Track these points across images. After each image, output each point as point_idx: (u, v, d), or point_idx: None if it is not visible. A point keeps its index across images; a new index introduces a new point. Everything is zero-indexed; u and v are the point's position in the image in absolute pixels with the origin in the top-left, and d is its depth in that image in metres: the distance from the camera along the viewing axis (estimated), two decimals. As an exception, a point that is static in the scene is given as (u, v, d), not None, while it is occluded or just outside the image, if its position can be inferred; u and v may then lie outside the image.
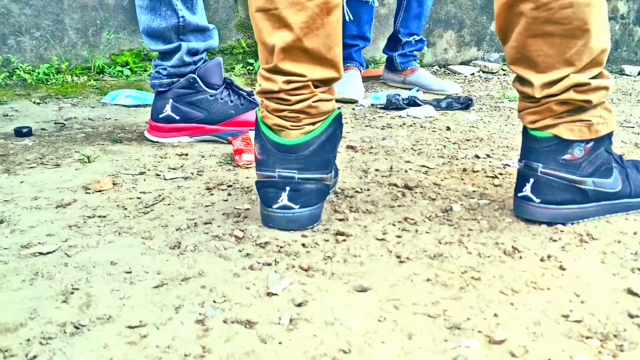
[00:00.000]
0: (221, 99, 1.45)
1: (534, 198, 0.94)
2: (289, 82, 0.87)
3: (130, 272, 0.79)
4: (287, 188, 0.90)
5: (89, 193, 1.08)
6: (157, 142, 1.45)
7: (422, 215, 1.00)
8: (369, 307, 0.72)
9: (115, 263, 0.81)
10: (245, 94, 1.50)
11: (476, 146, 1.46)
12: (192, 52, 1.40)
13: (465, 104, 1.98)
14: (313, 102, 0.88)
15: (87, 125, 1.61)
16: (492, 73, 2.88)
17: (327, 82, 0.90)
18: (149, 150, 1.37)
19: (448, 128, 1.65)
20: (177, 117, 1.44)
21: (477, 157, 1.36)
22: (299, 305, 0.72)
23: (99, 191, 1.09)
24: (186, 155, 1.34)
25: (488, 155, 1.37)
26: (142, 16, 1.39)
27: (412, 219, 0.97)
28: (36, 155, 1.31)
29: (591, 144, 0.92)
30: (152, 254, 0.85)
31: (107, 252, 0.85)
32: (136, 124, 1.65)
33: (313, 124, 0.91)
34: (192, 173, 1.21)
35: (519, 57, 0.91)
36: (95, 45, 2.23)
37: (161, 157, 1.32)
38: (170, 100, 1.43)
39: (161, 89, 1.43)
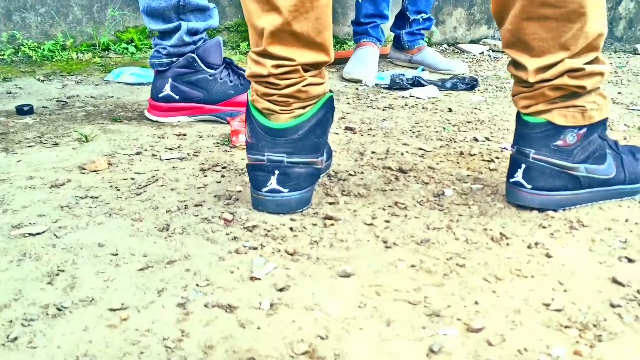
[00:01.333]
0: (220, 79, 1.45)
1: (525, 184, 0.94)
2: (278, 66, 0.86)
3: (117, 254, 0.80)
4: (276, 172, 0.90)
5: (84, 173, 1.09)
6: (157, 121, 1.45)
7: (413, 200, 0.99)
8: (351, 293, 0.73)
9: (103, 245, 0.82)
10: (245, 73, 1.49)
11: (476, 128, 1.45)
12: (192, 32, 1.40)
13: (471, 84, 1.96)
14: (302, 86, 0.88)
15: (88, 104, 1.61)
16: (502, 52, 2.84)
17: (317, 66, 0.89)
18: (148, 130, 1.38)
19: (450, 109, 1.63)
20: (177, 97, 1.44)
21: (476, 139, 1.34)
22: (281, 290, 0.73)
23: (94, 171, 1.10)
24: (184, 135, 1.34)
25: (487, 138, 1.36)
26: (141, -5, 1.38)
27: (403, 204, 0.97)
28: (35, 134, 1.32)
29: (584, 130, 0.91)
30: (140, 235, 0.85)
31: (95, 233, 0.86)
32: (137, 102, 1.65)
33: (303, 107, 0.90)
34: (188, 154, 1.21)
35: (514, 40, 0.89)
36: (100, 22, 2.22)
37: (159, 137, 1.32)
38: (170, 80, 1.43)
39: (161, 69, 1.43)
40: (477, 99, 1.80)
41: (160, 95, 1.44)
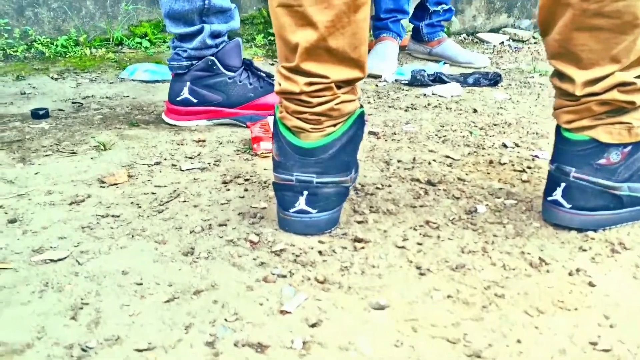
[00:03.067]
0: (240, 82, 1.41)
1: (564, 203, 0.89)
2: (310, 83, 0.82)
3: (141, 284, 0.77)
4: (305, 192, 0.87)
5: (103, 187, 1.06)
6: (175, 125, 1.42)
7: (444, 218, 0.96)
8: (386, 329, 0.69)
9: (127, 273, 0.79)
10: (265, 75, 1.45)
11: (504, 132, 1.40)
12: (214, 35, 1.35)
13: (494, 80, 1.90)
14: (335, 104, 0.84)
15: (104, 105, 1.58)
16: (523, 41, 2.77)
17: (350, 83, 0.85)
18: (166, 136, 1.34)
19: (475, 110, 1.58)
20: (195, 100, 1.40)
21: (505, 146, 1.30)
22: (313, 325, 0.70)
23: (114, 184, 1.07)
24: (203, 141, 1.31)
25: (516, 144, 1.31)
26: (162, -2, 1.34)
27: (435, 223, 0.93)
28: (52, 141, 1.29)
29: (629, 148, 0.86)
30: (164, 261, 0.82)
31: (118, 258, 0.83)
32: (154, 103, 1.62)
33: (334, 125, 0.86)
34: (208, 163, 1.18)
35: (561, 51, 0.85)
36: (113, 16, 2.18)
37: (178, 144, 1.29)
38: (188, 83, 1.39)
39: (180, 71, 1.39)
40: (501, 97, 1.75)
41: (178, 99, 1.41)
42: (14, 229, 0.90)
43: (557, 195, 0.90)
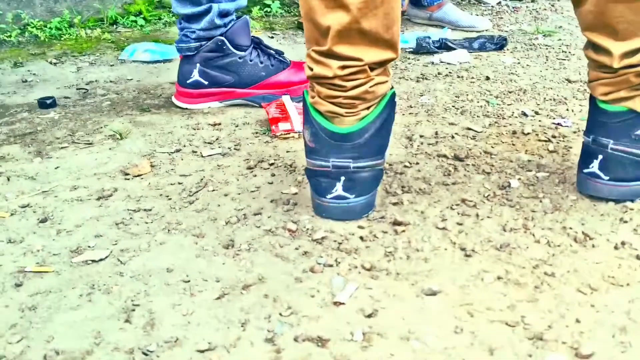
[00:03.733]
0: (250, 61, 1.37)
1: (602, 175, 0.89)
2: (344, 67, 0.80)
3: (189, 281, 0.76)
4: (342, 178, 0.85)
5: (128, 179, 1.04)
6: (187, 108, 1.39)
7: (479, 195, 0.95)
8: (442, 316, 0.69)
9: (172, 270, 0.78)
10: (275, 53, 1.41)
11: (521, 100, 1.39)
12: (223, 14, 1.32)
13: (500, 44, 1.88)
14: (370, 87, 0.82)
15: (110, 90, 1.54)
16: (520, 0, 2.73)
17: (383, 64, 0.83)
18: (180, 120, 1.32)
19: (487, 78, 1.56)
20: (206, 82, 1.37)
21: (525, 114, 1.29)
22: (369, 316, 0.69)
23: (138, 175, 1.05)
24: (219, 124, 1.28)
25: (536, 112, 1.30)
26: (164, -23, 1.29)
27: (471, 201, 0.93)
28: (65, 132, 1.26)
29: (667, 117, 0.86)
30: (206, 255, 0.81)
31: (160, 255, 0.81)
32: (160, 85, 1.58)
33: (368, 108, 0.85)
34: (229, 148, 1.16)
35: (596, 23, 0.83)
36: (106, -6, 2.12)
37: (194, 129, 1.26)
38: (198, 65, 1.35)
39: (189, 53, 1.35)
40: (509, 61, 1.73)
41: (188, 82, 1.37)
42: (47, 228, 0.89)
43: (594, 167, 0.89)
